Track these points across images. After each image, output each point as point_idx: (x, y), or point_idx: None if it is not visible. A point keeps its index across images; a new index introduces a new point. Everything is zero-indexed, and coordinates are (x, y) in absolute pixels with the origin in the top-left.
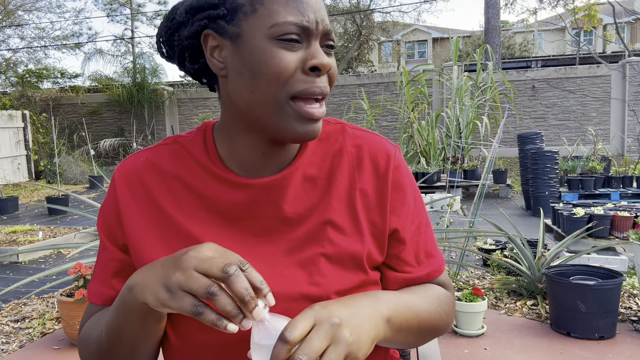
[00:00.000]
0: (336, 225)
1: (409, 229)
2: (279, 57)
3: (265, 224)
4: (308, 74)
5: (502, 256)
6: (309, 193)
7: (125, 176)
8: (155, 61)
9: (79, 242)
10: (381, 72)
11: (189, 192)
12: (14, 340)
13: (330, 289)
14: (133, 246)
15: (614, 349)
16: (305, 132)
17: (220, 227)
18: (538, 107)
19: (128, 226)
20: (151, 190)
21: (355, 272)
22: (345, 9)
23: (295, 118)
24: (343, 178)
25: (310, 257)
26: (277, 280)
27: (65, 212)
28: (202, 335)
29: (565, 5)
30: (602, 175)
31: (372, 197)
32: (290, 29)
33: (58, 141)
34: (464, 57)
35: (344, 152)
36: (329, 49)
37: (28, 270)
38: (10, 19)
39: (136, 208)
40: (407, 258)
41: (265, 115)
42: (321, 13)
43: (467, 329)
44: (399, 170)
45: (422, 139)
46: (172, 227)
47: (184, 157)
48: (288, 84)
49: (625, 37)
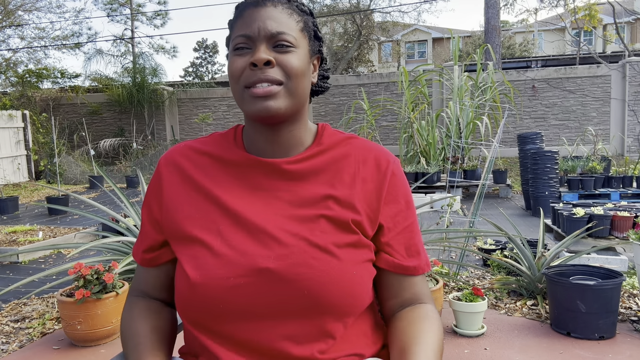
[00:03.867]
0: (337, 199)
1: (400, 221)
2: (233, 61)
3: (275, 192)
4: (252, 69)
5: (502, 256)
6: (315, 176)
7: (167, 161)
8: (155, 61)
9: (79, 242)
10: (381, 72)
11: (217, 166)
12: (14, 340)
13: (327, 241)
14: (166, 210)
15: (613, 348)
16: (256, 109)
17: (239, 188)
18: (538, 107)
19: (167, 197)
20: (186, 168)
21: (350, 234)
22: (345, 9)
23: (249, 100)
24: (349, 168)
25: (312, 215)
26: (280, 221)
27: (65, 212)
28: (218, 270)
29: (566, 5)
30: (602, 175)
31: (371, 186)
32: (238, 40)
33: (58, 141)
34: (464, 57)
35: (351, 152)
36: (281, 47)
37: (28, 270)
38: (10, 19)
39: (175, 182)
40: (398, 248)
41: (240, 105)
42: (266, 23)
43: (467, 329)
44: (396, 173)
45: (422, 139)
46: (201, 192)
47: (215, 145)
48: (241, 78)
49: (625, 37)
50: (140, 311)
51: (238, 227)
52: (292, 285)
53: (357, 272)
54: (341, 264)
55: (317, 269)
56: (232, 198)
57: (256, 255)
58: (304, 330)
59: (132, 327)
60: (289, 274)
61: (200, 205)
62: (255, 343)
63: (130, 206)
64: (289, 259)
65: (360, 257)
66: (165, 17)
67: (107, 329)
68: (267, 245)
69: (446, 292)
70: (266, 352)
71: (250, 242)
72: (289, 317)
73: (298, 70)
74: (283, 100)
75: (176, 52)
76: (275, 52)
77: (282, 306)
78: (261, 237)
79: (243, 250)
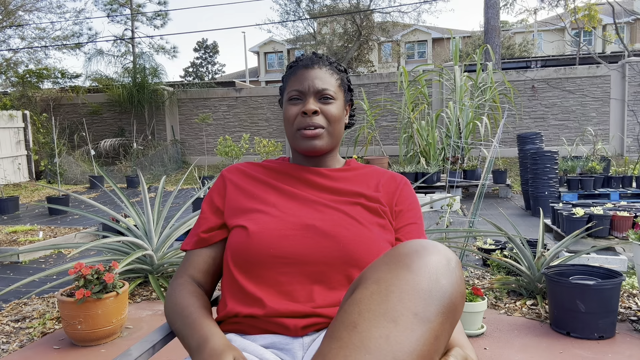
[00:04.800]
0: (367, 196)
1: (409, 217)
2: (288, 109)
3: (319, 186)
4: (303, 116)
5: (502, 256)
6: (348, 181)
7: (230, 169)
8: (155, 61)
9: (79, 242)
10: (381, 73)
11: (271, 172)
12: (14, 340)
13: (362, 217)
14: (229, 199)
15: (613, 348)
16: (305, 146)
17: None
18: (538, 107)
19: (230, 190)
20: (248, 171)
21: (379, 217)
22: (345, 9)
23: (300, 139)
24: (373, 180)
25: (350, 202)
26: (325, 200)
27: (66, 212)
28: (272, 224)
29: (565, 6)
30: (601, 175)
31: (389, 190)
32: (293, 93)
33: (58, 141)
34: (464, 57)
35: (373, 170)
36: (325, 99)
37: (28, 270)
38: (10, 19)
39: (238, 180)
40: (411, 235)
41: (291, 141)
42: (315, 81)
43: (467, 328)
44: (407, 185)
45: (422, 139)
46: (260, 182)
47: (269, 163)
48: (295, 123)
49: (625, 37)
50: (191, 291)
51: (291, 200)
52: (331, 239)
53: (382, 243)
54: (371, 234)
55: (352, 232)
56: (286, 186)
57: (305, 216)
58: (334, 277)
59: (185, 300)
60: (330, 231)
61: (259, 190)
62: (293, 286)
63: (131, 206)
64: (331, 222)
65: (386, 237)
66: (165, 17)
67: (108, 328)
68: (314, 210)
69: None
70: (301, 295)
71: (301, 208)
72: (324, 265)
73: (336, 116)
74: (325, 139)
75: (176, 52)
76: (320, 103)
77: (320, 255)
78: (310, 205)
79: (294, 213)
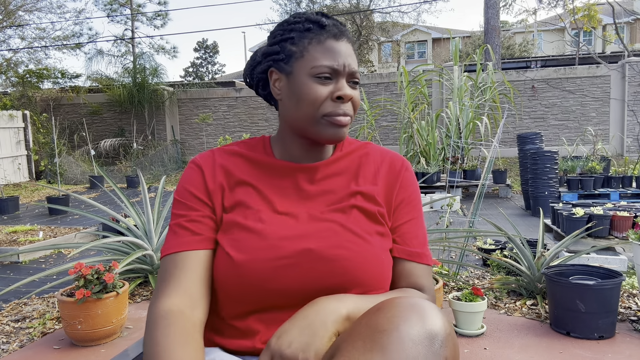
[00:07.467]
0: (363, 193)
1: (409, 212)
2: (315, 88)
3: (309, 190)
4: (335, 101)
5: (502, 256)
6: (342, 175)
7: (204, 157)
8: (155, 61)
9: (80, 242)
10: (381, 72)
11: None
12: (14, 340)
13: (360, 227)
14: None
15: (613, 348)
16: (330, 134)
17: (276, 186)
18: (538, 107)
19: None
20: (225, 164)
21: (377, 224)
22: (345, 9)
23: (326, 126)
24: (370, 167)
25: (345, 206)
26: (317, 210)
27: (66, 212)
28: (261, 253)
29: (565, 6)
30: (601, 175)
31: (388, 182)
32: (324, 70)
33: (58, 141)
34: (464, 57)
35: (370, 156)
36: (354, 84)
37: (28, 270)
38: (10, 19)
39: (214, 174)
40: (405, 235)
41: (306, 126)
42: (349, 59)
43: (467, 328)
44: (408, 171)
45: (422, 139)
46: (241, 184)
47: (246, 149)
48: (321, 107)
49: (625, 38)
50: (183, 332)
51: (279, 214)
52: (331, 264)
53: (385, 257)
54: (373, 248)
55: (352, 251)
56: (274, 195)
57: (298, 237)
58: None
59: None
60: (329, 255)
61: (241, 194)
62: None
63: (131, 206)
64: (328, 241)
65: (386, 245)
66: (165, 17)
67: (108, 328)
68: (308, 226)
69: (446, 292)
70: None
71: (293, 225)
72: (324, 292)
73: (359, 104)
74: (348, 128)
75: (176, 52)
76: (350, 87)
77: (320, 284)
78: (303, 220)
79: (285, 235)
